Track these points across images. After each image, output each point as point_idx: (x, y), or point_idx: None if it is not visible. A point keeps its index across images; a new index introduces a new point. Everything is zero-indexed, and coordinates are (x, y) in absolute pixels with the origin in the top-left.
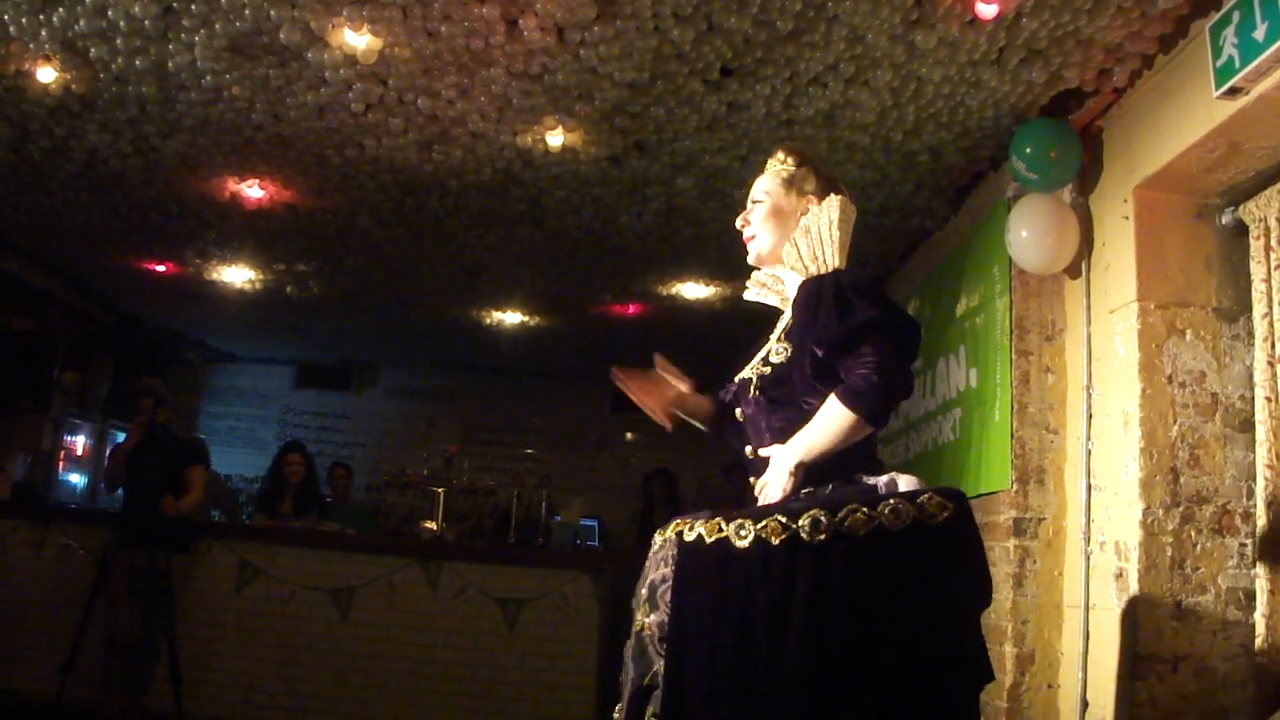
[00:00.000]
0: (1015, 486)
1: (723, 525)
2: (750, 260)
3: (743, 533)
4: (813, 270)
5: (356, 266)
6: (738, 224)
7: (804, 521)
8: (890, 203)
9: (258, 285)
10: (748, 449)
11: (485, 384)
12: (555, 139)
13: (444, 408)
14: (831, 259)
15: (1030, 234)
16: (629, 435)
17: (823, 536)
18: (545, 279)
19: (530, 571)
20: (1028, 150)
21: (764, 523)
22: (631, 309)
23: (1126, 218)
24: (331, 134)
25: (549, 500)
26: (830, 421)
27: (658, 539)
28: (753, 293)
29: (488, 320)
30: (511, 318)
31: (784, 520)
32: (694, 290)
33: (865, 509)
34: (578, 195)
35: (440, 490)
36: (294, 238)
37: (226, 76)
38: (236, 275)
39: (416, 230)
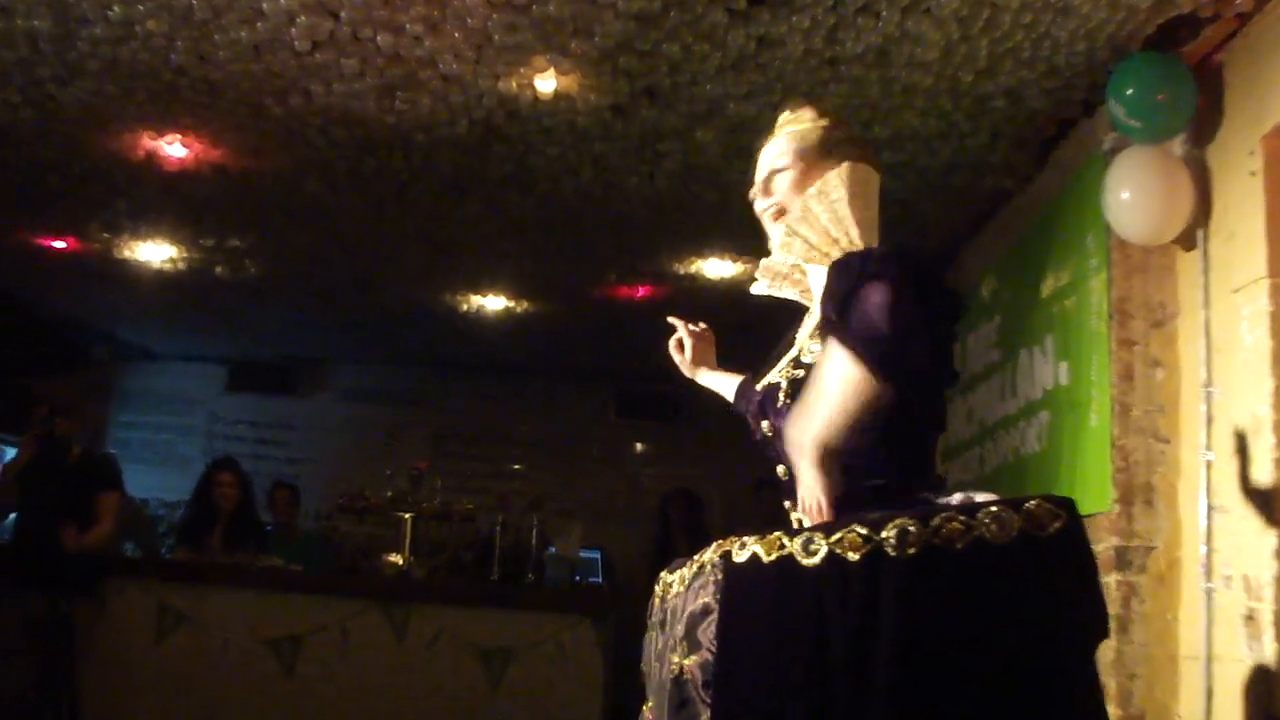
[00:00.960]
0: (1117, 508)
1: (784, 541)
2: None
3: (812, 547)
4: (836, 256)
5: (303, 242)
6: (756, 201)
7: (889, 533)
8: (959, 159)
9: (180, 265)
10: (780, 469)
11: (461, 385)
12: (546, 84)
13: (411, 414)
14: (857, 238)
15: (1133, 195)
16: (639, 446)
17: (912, 550)
18: (535, 256)
19: (518, 616)
20: (1129, 92)
21: (838, 535)
22: (641, 292)
23: (1254, 173)
24: (271, 78)
25: (541, 527)
26: (833, 381)
27: (689, 567)
28: (763, 285)
29: (465, 307)
30: (494, 303)
31: (864, 532)
32: (718, 268)
33: (962, 517)
34: (574, 153)
35: (407, 516)
36: (225, 207)
37: (140, 7)
38: (154, 253)
39: (377, 197)
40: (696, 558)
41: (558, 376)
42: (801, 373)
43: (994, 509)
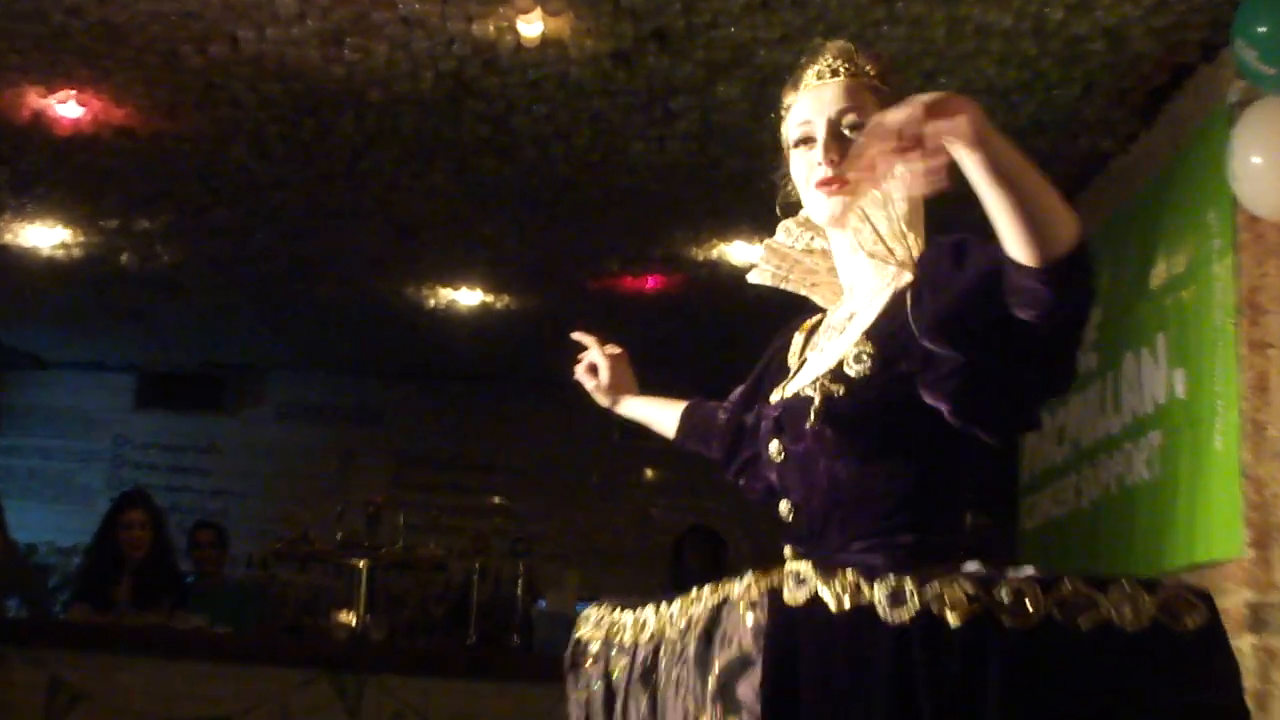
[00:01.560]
0: (1251, 553)
1: (861, 584)
2: (831, 220)
3: (901, 598)
4: (899, 258)
5: (230, 223)
6: (820, 159)
7: (1003, 593)
8: (1045, 115)
9: (76, 252)
10: (783, 505)
11: (428, 399)
12: (531, 27)
13: (366, 435)
14: (915, 245)
15: (1266, 160)
16: (649, 473)
17: (1031, 621)
18: (518, 240)
19: (501, 688)
20: (1262, 29)
21: (938, 586)
22: (650, 283)
23: None
24: (188, 21)
25: (528, 576)
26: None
27: (689, 602)
28: (765, 273)
29: (432, 302)
30: (468, 298)
31: (971, 590)
32: (744, 253)
33: (1090, 589)
34: (566, 112)
35: (361, 564)
36: (132, 179)
37: None
38: (43, 237)
39: (321, 168)
40: (707, 591)
41: (547, 388)
42: (842, 389)
43: (1126, 586)
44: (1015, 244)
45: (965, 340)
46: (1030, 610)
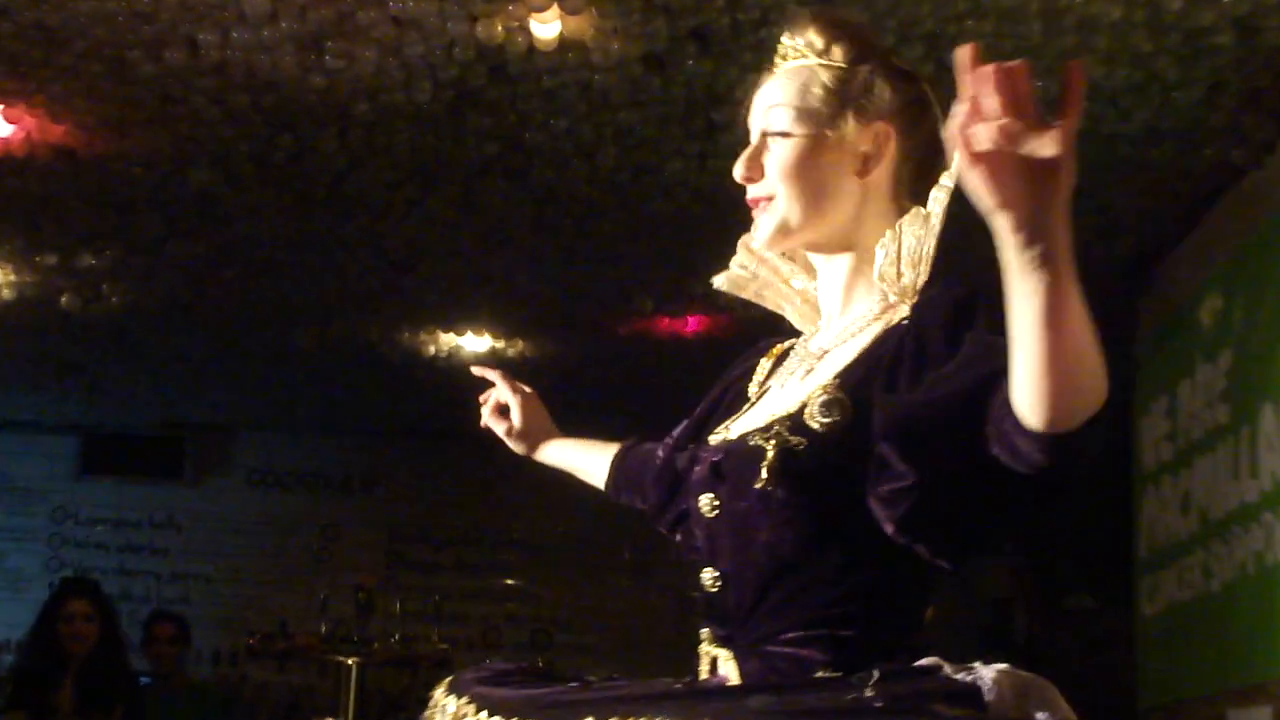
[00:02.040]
0: None
1: None
2: (760, 241)
3: None
4: (904, 284)
5: (190, 259)
6: (737, 174)
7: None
8: (1163, 121)
9: (6, 294)
10: (707, 573)
11: (428, 463)
12: (547, 27)
13: (353, 506)
14: (926, 270)
15: None
16: None
17: None
18: (533, 275)
19: None
20: None
21: None
22: (690, 324)
23: None
24: (138, 23)
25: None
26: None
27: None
28: (733, 279)
29: (431, 350)
30: (474, 344)
31: None
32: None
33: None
34: (589, 126)
35: (350, 661)
36: (73, 208)
37: None
38: None
39: (299, 194)
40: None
41: None
42: (803, 442)
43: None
44: (1024, 397)
45: (923, 460)
46: None
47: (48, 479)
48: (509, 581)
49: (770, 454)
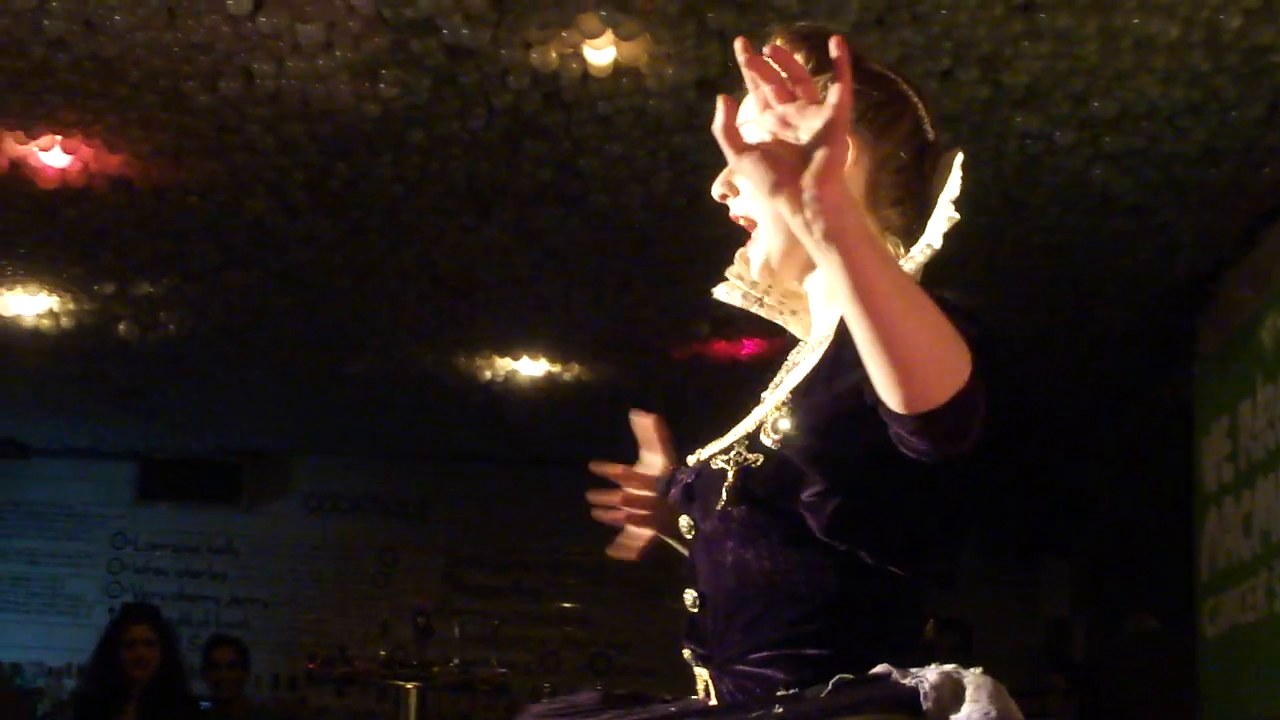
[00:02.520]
0: None
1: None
2: (754, 272)
3: None
4: None
5: (246, 286)
6: (715, 192)
7: None
8: (1221, 141)
9: (65, 322)
10: (687, 595)
11: (486, 486)
12: (601, 53)
13: (411, 531)
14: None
15: None
16: None
17: None
18: (588, 300)
19: None
20: None
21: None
22: (747, 348)
23: None
24: (194, 54)
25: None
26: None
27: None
28: (734, 294)
29: (487, 375)
30: (530, 369)
31: None
32: None
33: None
34: (644, 151)
35: (409, 685)
36: (131, 237)
37: None
38: (25, 305)
39: (354, 221)
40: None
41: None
42: (759, 459)
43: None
44: (874, 379)
45: (829, 463)
46: None
47: (106, 505)
48: (567, 605)
49: (730, 475)
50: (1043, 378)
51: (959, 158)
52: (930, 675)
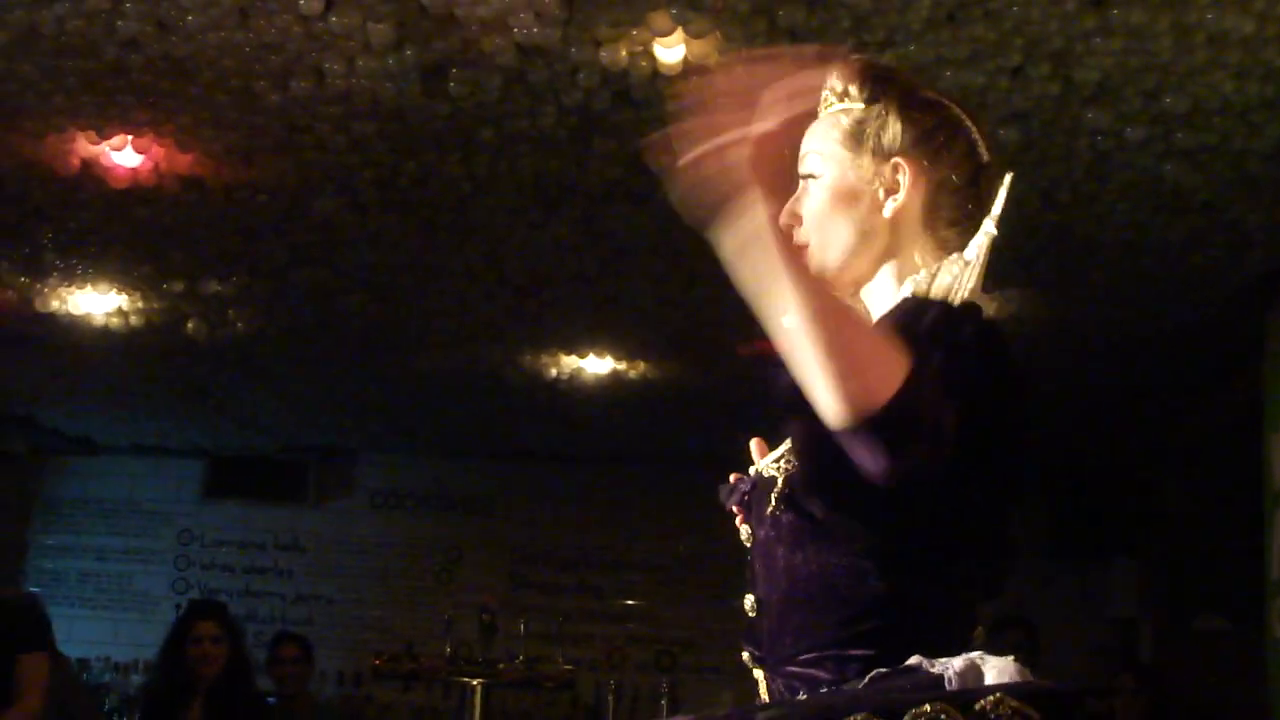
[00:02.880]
0: None
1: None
2: None
3: None
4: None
5: (314, 285)
6: (781, 223)
7: None
8: None
9: (134, 321)
10: (748, 599)
11: (551, 485)
12: (671, 51)
13: (476, 528)
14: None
15: None
16: None
17: None
18: (655, 298)
19: None
20: None
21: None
22: None
23: None
24: (265, 54)
25: (673, 693)
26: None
27: None
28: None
29: (553, 372)
30: (596, 366)
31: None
32: None
33: (950, 710)
34: None
35: (475, 682)
36: (200, 236)
37: None
38: (95, 303)
39: (423, 220)
40: None
41: (692, 469)
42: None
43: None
44: (813, 398)
45: (817, 490)
46: None
47: (174, 502)
48: (631, 603)
49: (779, 482)
50: (1111, 375)
51: (1008, 178)
52: (956, 663)
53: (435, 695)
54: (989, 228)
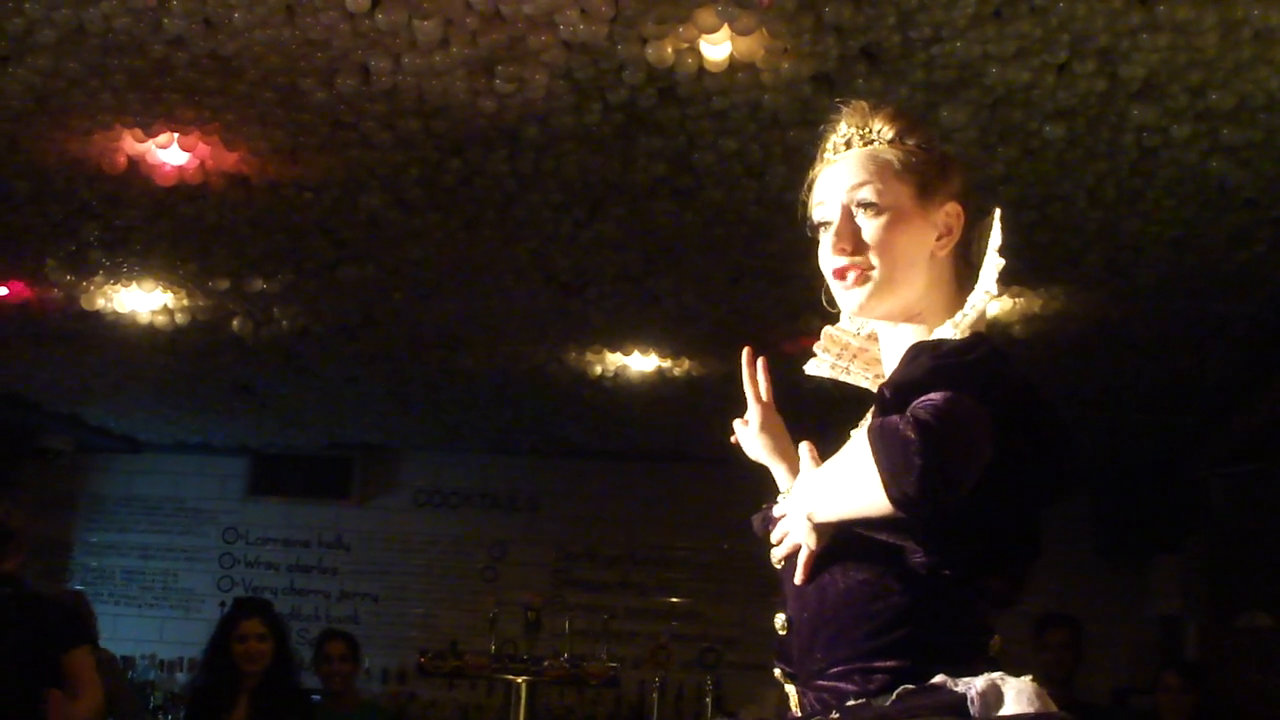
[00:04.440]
0: None
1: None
2: (854, 307)
3: None
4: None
5: (359, 282)
6: (836, 248)
7: None
8: None
9: (180, 319)
10: (779, 617)
11: (594, 481)
12: (717, 48)
13: (520, 525)
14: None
15: None
16: None
17: None
18: (700, 295)
19: None
20: None
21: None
22: None
23: None
24: (311, 51)
25: (718, 691)
26: (852, 467)
27: None
28: (824, 364)
29: (598, 370)
30: (640, 364)
31: None
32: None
33: None
34: (758, 146)
35: (520, 679)
36: (246, 234)
37: None
38: (140, 301)
39: (468, 216)
40: None
41: (735, 467)
42: None
43: None
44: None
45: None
46: None
47: (218, 499)
48: (675, 600)
49: None
50: (1155, 372)
51: (997, 213)
52: (978, 683)
53: (480, 692)
54: (997, 258)
